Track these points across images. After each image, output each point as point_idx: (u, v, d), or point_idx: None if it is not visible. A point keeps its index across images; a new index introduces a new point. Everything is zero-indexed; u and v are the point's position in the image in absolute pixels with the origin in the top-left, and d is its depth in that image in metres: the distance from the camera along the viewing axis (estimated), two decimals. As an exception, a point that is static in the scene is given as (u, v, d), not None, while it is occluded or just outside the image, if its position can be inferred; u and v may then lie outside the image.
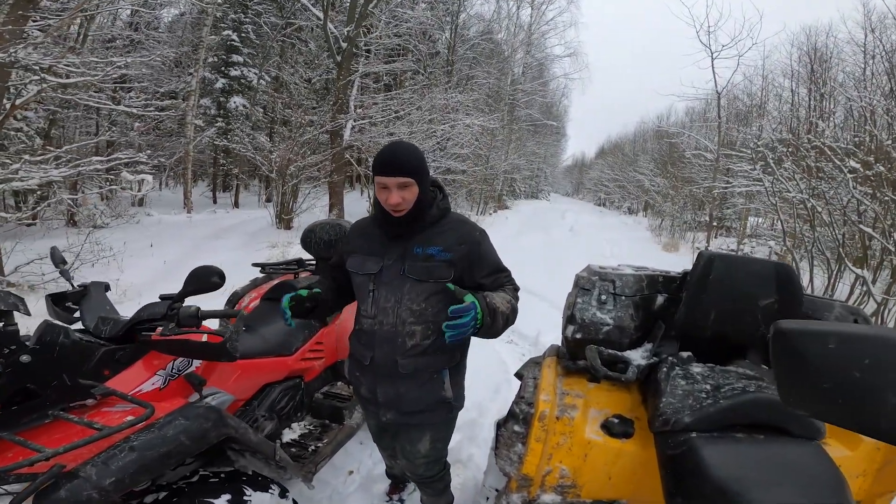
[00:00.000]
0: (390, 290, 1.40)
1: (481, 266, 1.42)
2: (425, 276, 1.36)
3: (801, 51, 14.00)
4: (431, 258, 1.37)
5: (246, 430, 1.41)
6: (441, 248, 1.38)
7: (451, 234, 1.41)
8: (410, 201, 1.34)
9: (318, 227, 2.65)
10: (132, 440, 1.16)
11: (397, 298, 1.39)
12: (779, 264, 1.47)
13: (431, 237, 1.40)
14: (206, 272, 1.41)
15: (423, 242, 1.39)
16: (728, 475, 1.00)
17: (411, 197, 1.34)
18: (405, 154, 1.32)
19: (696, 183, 14.04)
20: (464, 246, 1.39)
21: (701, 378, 1.30)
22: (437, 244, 1.38)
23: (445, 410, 1.51)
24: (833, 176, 6.61)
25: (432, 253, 1.37)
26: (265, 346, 1.96)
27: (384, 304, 1.41)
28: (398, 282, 1.39)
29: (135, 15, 11.47)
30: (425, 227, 1.41)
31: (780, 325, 0.59)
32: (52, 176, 5.05)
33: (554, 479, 1.31)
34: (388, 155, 1.31)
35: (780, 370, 0.60)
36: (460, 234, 1.41)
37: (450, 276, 1.36)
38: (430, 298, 1.38)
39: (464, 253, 1.39)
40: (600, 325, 1.48)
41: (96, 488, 1.04)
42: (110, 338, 1.46)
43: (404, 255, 1.39)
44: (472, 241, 1.41)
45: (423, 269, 1.37)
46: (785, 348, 0.58)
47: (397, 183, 1.31)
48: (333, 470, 2.24)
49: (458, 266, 1.38)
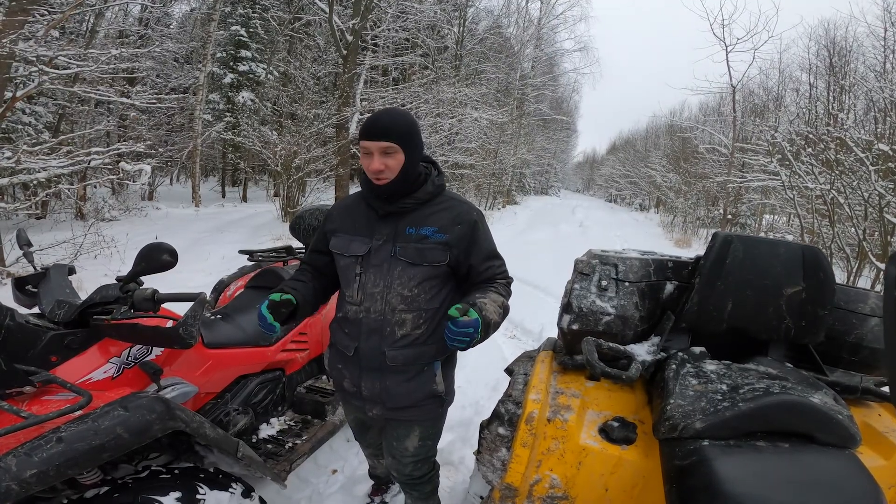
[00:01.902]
0: (379, 273, 1.26)
1: (477, 250, 1.30)
2: (418, 258, 1.24)
3: (819, 44, 13.63)
4: (425, 239, 1.24)
5: (201, 425, 1.29)
6: (436, 229, 1.25)
7: (446, 214, 1.28)
8: (395, 169, 1.21)
9: (306, 214, 2.52)
10: (62, 431, 1.06)
11: (387, 283, 1.25)
12: (806, 247, 1.29)
13: (425, 216, 1.27)
14: (155, 249, 1.29)
15: (415, 222, 1.27)
16: (745, 492, 0.84)
17: (395, 165, 1.21)
18: (391, 118, 1.21)
19: (709, 178, 13.73)
20: (460, 227, 1.26)
21: (716, 377, 1.13)
22: (432, 224, 1.26)
23: (436, 405, 1.38)
24: (854, 169, 6.35)
25: (426, 234, 1.25)
26: (241, 336, 1.84)
27: (372, 289, 1.27)
28: (388, 265, 1.26)
29: (145, 11, 11.49)
30: (418, 204, 1.28)
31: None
32: (53, 168, 5.03)
33: (543, 489, 1.14)
34: (373, 118, 1.22)
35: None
36: (456, 213, 1.28)
37: (445, 260, 1.25)
38: (422, 284, 1.26)
39: (460, 234, 1.26)
40: (600, 314, 1.31)
41: (16, 479, 0.97)
42: (64, 322, 1.36)
43: (395, 236, 1.26)
44: (469, 222, 1.28)
45: (416, 252, 1.24)
46: None
47: (380, 148, 1.19)
48: (316, 468, 2.11)
49: (454, 249, 1.26)
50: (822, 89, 13.36)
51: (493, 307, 1.19)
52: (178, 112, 10.83)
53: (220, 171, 15.28)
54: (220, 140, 13.06)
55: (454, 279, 1.33)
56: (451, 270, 1.29)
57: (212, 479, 1.35)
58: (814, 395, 1.04)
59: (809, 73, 13.78)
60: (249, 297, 2.11)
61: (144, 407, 1.17)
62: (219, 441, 1.35)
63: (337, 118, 9.52)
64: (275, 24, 13.30)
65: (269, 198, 12.34)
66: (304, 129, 9.21)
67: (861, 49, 12.51)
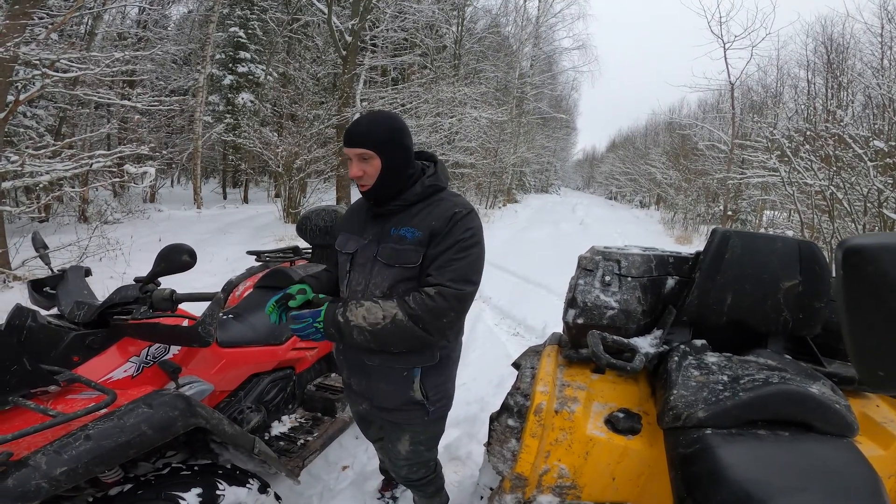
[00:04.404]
0: (362, 273, 1.30)
1: (439, 241, 1.21)
2: (391, 260, 1.25)
3: (816, 41, 13.67)
4: (403, 240, 1.25)
5: (220, 422, 1.32)
6: (415, 230, 1.24)
7: (427, 213, 1.26)
8: (372, 175, 1.24)
9: (313, 214, 2.56)
10: (89, 428, 1.09)
11: (366, 283, 1.29)
12: (802, 241, 1.33)
13: (411, 217, 1.27)
14: (175, 250, 1.32)
15: (401, 223, 1.27)
16: (748, 477, 0.88)
17: (372, 171, 1.23)
18: (369, 125, 1.23)
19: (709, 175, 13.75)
20: (435, 223, 1.23)
21: (717, 368, 1.17)
22: (414, 225, 1.25)
23: (420, 413, 1.36)
24: (853, 165, 6.38)
25: (405, 234, 1.25)
26: (253, 335, 1.88)
27: (355, 287, 1.31)
28: (370, 265, 1.29)
29: (143, 13, 11.51)
30: (406, 205, 1.29)
31: (849, 242, 0.46)
32: (57, 171, 5.06)
33: (552, 478, 1.18)
34: (352, 125, 1.24)
35: (851, 301, 0.46)
36: (437, 211, 1.26)
37: (417, 261, 1.22)
38: (396, 286, 1.25)
39: (432, 231, 1.22)
40: (604, 308, 1.35)
41: (46, 477, 0.98)
42: (84, 323, 1.40)
43: (381, 236, 1.29)
44: (446, 218, 1.23)
45: (392, 253, 1.25)
46: (859, 271, 0.45)
47: (356, 154, 1.23)
48: (327, 465, 2.15)
49: (428, 248, 1.22)
50: (821, 86, 13.40)
51: (363, 313, 1.18)
52: (178, 114, 10.85)
53: (220, 173, 15.30)
54: (220, 141, 13.08)
55: None
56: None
57: (230, 476, 1.38)
58: (812, 386, 1.08)
59: (807, 70, 13.83)
60: (258, 297, 2.14)
61: (167, 404, 1.20)
62: (236, 438, 1.38)
63: (337, 119, 9.55)
64: (273, 25, 13.30)
65: (271, 199, 12.38)
66: (305, 129, 9.23)
67: (858, 46, 12.56)
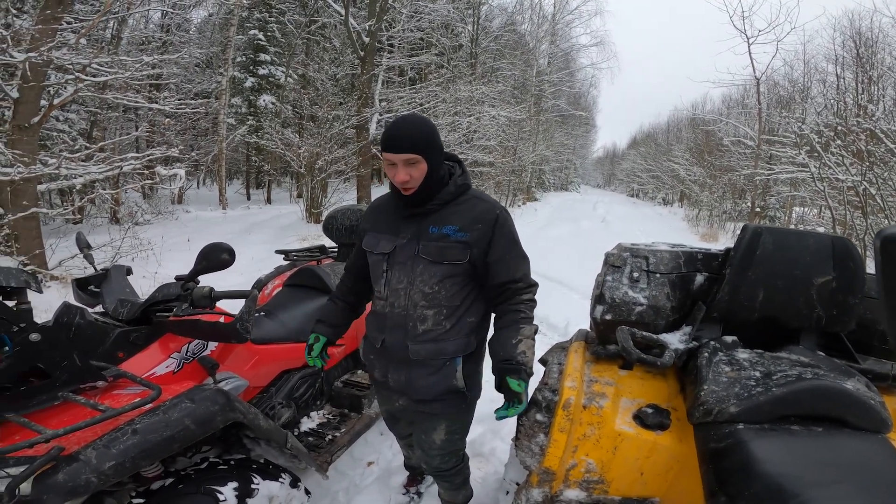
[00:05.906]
0: (403, 271, 1.33)
1: (496, 249, 1.31)
2: (439, 257, 1.29)
3: (844, 35, 13.20)
4: (446, 238, 1.29)
5: (256, 417, 1.36)
6: (457, 228, 1.29)
7: (467, 213, 1.32)
8: (419, 179, 1.26)
9: (339, 214, 2.61)
10: (136, 423, 1.12)
11: (410, 280, 1.32)
12: (836, 237, 1.31)
13: (448, 215, 1.31)
14: (215, 248, 1.37)
15: (438, 221, 1.31)
16: (781, 472, 0.88)
17: (419, 174, 1.26)
18: (411, 129, 1.24)
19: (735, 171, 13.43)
20: (480, 226, 1.30)
21: (748, 364, 1.16)
22: (454, 223, 1.30)
23: (459, 400, 1.42)
24: (885, 160, 6.17)
25: (447, 233, 1.29)
26: (284, 332, 1.93)
27: (396, 285, 1.34)
28: (411, 262, 1.32)
29: (166, 17, 11.82)
30: (441, 204, 1.33)
31: (887, 231, 0.46)
32: (92, 173, 5.25)
33: (579, 473, 1.20)
34: (393, 130, 1.25)
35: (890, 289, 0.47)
36: (477, 212, 1.32)
37: (465, 259, 1.29)
38: (443, 281, 1.30)
39: (480, 234, 1.29)
40: (632, 304, 1.35)
41: (95, 472, 1.01)
42: (127, 320, 1.46)
43: (419, 235, 1.32)
44: (489, 221, 1.31)
45: (437, 250, 1.29)
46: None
47: (403, 160, 1.24)
48: (352, 461, 2.19)
49: (474, 248, 1.29)
50: (850, 80, 12.94)
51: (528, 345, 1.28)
52: (202, 117, 11.12)
53: (244, 174, 15.63)
54: (243, 143, 13.36)
55: (476, 277, 1.35)
56: (472, 268, 1.32)
57: (263, 470, 1.41)
58: (846, 382, 1.07)
59: (836, 65, 13.37)
60: (288, 295, 2.20)
61: (209, 399, 1.23)
62: (270, 433, 1.42)
63: (357, 119, 9.65)
64: (291, 27, 13.53)
65: (293, 199, 12.58)
66: (325, 130, 9.36)
67: (886, 40, 12.11)
